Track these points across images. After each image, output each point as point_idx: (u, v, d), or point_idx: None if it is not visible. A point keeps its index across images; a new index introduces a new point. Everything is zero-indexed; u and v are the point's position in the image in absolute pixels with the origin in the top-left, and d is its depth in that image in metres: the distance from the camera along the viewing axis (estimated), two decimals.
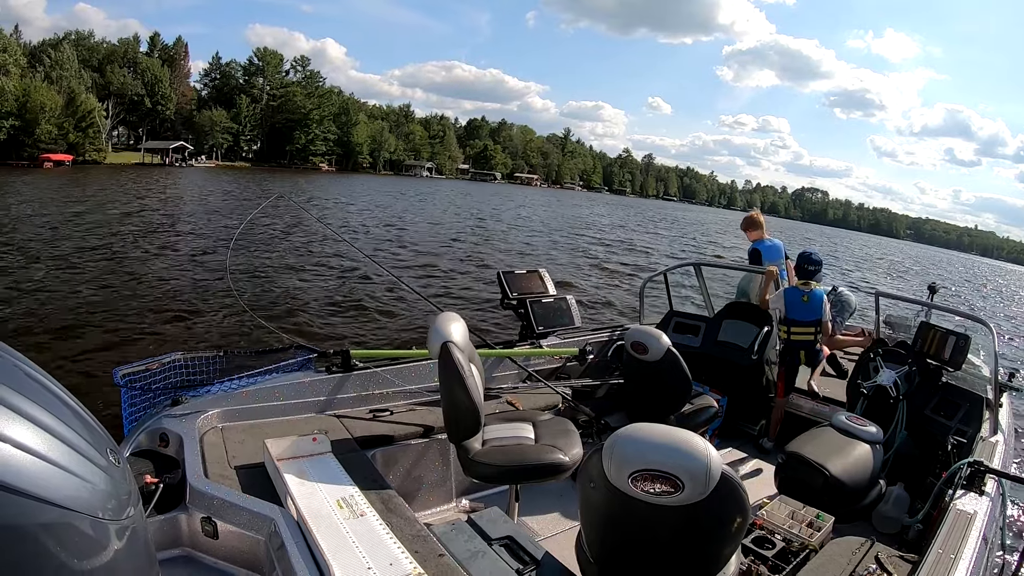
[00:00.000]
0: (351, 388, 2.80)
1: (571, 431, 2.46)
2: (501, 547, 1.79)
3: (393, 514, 1.83)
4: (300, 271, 11.77)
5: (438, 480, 2.74)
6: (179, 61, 68.47)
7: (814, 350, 3.91)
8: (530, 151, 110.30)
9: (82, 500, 0.84)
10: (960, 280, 36.99)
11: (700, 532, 1.41)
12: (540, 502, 2.89)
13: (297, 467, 1.98)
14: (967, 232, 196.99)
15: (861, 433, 2.76)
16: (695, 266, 5.00)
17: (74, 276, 9.69)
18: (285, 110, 71.75)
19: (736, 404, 3.97)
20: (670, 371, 3.01)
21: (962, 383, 3.47)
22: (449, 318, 2.25)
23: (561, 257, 17.77)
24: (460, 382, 2.07)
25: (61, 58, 52.07)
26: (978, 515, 2.09)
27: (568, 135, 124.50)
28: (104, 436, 1.00)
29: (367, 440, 2.47)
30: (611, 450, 1.38)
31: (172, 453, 2.10)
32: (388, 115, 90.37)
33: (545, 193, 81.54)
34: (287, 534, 1.65)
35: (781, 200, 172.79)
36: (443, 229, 21.80)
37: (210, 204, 23.71)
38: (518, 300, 3.78)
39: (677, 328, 4.35)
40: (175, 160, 56.72)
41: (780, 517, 2.33)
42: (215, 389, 2.44)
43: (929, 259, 68.10)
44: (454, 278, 12.78)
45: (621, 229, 32.08)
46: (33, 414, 0.84)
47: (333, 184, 45.88)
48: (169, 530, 1.86)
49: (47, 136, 45.69)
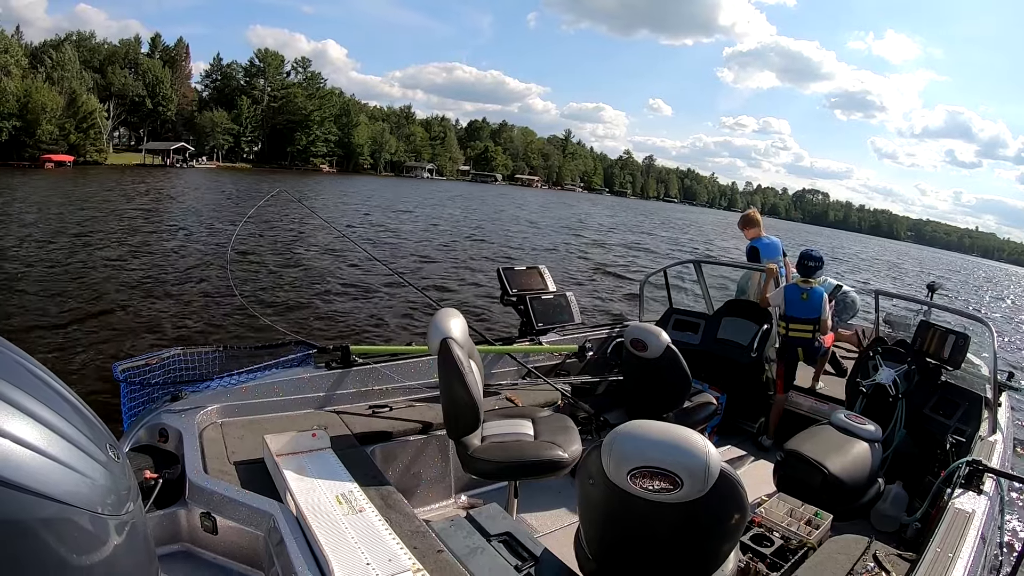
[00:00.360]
0: (351, 384, 2.80)
1: (570, 428, 2.46)
2: (500, 543, 1.79)
3: (392, 510, 1.84)
4: (300, 267, 11.78)
5: (437, 476, 2.74)
6: (180, 62, 68.29)
7: (812, 347, 3.91)
8: (531, 152, 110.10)
9: (81, 495, 0.84)
10: (959, 283, 36.82)
11: (699, 529, 1.41)
12: (539, 499, 2.89)
13: (296, 463, 1.99)
14: (968, 234, 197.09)
15: (860, 431, 2.76)
16: (695, 263, 5.00)
17: (74, 273, 9.70)
18: (286, 111, 71.51)
19: (735, 402, 3.98)
20: (669, 368, 3.01)
21: (961, 382, 3.47)
22: (449, 314, 2.25)
23: (558, 255, 17.77)
24: (459, 378, 2.07)
25: (63, 59, 51.83)
26: (976, 514, 2.09)
27: (569, 136, 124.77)
28: (103, 431, 0.99)
29: (366, 436, 2.47)
30: (610, 447, 1.38)
31: (171, 448, 2.10)
32: (389, 116, 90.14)
33: (546, 194, 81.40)
34: (286, 530, 1.65)
35: (782, 202, 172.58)
36: (442, 227, 21.80)
37: (210, 204, 23.75)
38: (518, 296, 3.78)
39: (677, 325, 4.36)
40: (176, 161, 56.65)
41: (779, 515, 2.34)
42: (215, 385, 2.44)
43: (929, 260, 67.90)
44: (454, 274, 12.79)
45: (622, 232, 32.05)
46: (33, 409, 0.84)
47: (334, 185, 45.83)
48: (168, 525, 1.86)
49: (48, 137, 45.58)
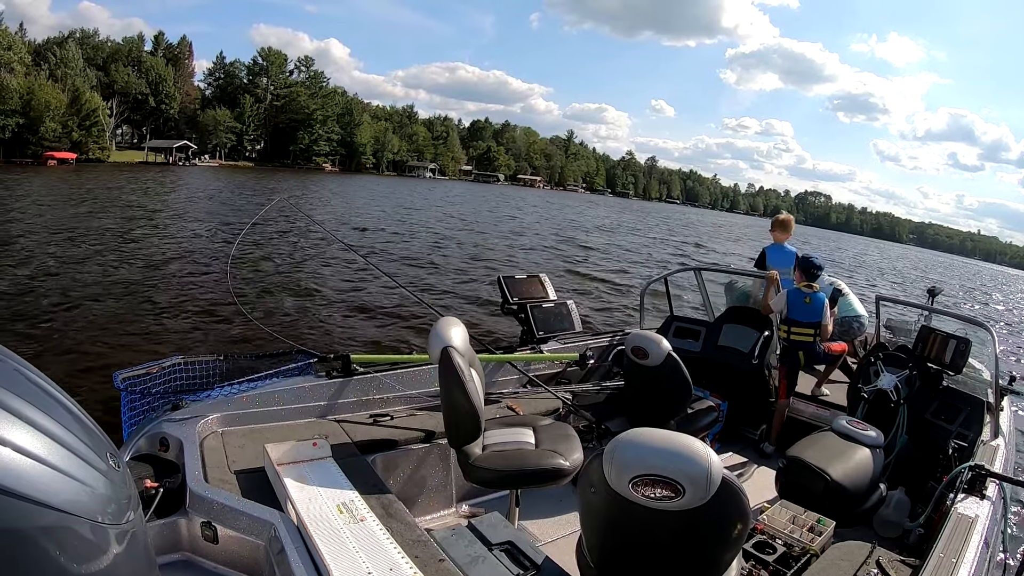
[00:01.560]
0: (351, 393, 2.80)
1: (571, 436, 2.45)
2: (501, 552, 1.79)
3: (393, 519, 1.83)
4: (301, 275, 11.77)
5: (438, 485, 2.74)
6: (183, 60, 68.62)
7: (814, 351, 3.91)
8: (533, 153, 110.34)
9: (82, 504, 0.84)
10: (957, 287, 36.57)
11: (701, 537, 1.41)
12: (541, 507, 2.88)
13: (297, 472, 1.98)
14: (970, 237, 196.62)
15: (862, 437, 2.76)
16: (696, 271, 5.00)
17: (74, 278, 9.70)
18: (289, 110, 71.71)
19: (737, 409, 3.97)
20: (670, 376, 3.00)
21: (963, 387, 3.46)
22: (449, 323, 2.25)
23: (558, 263, 17.78)
24: (460, 387, 2.07)
25: (67, 56, 52.04)
26: (979, 519, 2.09)
27: (571, 137, 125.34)
28: (104, 440, 1.00)
29: (367, 445, 2.47)
30: (612, 455, 1.38)
31: (172, 457, 2.10)
32: (392, 116, 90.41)
33: (548, 195, 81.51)
34: (287, 539, 1.65)
35: (784, 204, 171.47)
36: (443, 233, 21.83)
37: (213, 205, 23.67)
38: (519, 305, 3.78)
39: (677, 333, 4.35)
40: (178, 159, 56.83)
41: (781, 522, 2.33)
42: (215, 393, 2.44)
43: (930, 264, 67.63)
44: (455, 283, 12.79)
45: (623, 234, 32.06)
46: (33, 418, 0.84)
47: (337, 185, 45.86)
48: (169, 535, 1.86)
49: (51, 134, 45.78)
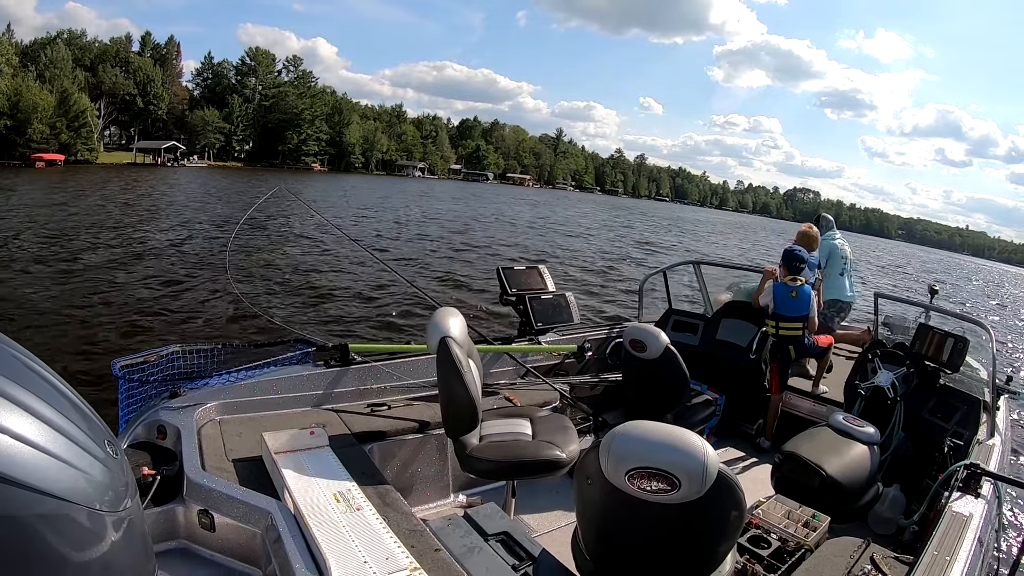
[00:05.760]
0: (349, 382, 2.79)
1: (568, 428, 2.46)
2: (497, 543, 1.80)
3: (390, 508, 1.83)
4: (299, 265, 11.75)
5: (435, 475, 2.74)
6: (171, 61, 68.11)
7: (803, 344, 3.92)
8: (522, 151, 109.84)
9: (79, 491, 0.84)
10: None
11: (696, 530, 1.41)
12: (537, 498, 2.89)
13: (294, 461, 1.98)
14: (958, 232, 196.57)
15: (858, 434, 2.77)
16: (694, 264, 5.00)
17: (73, 270, 9.68)
18: (277, 110, 71.35)
19: (734, 403, 3.98)
20: (668, 369, 3.01)
21: (960, 385, 3.47)
22: (448, 313, 2.24)
23: (555, 255, 17.78)
24: (458, 377, 2.07)
25: (55, 57, 51.51)
26: (974, 517, 2.09)
27: (560, 135, 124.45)
28: (102, 428, 0.99)
29: (365, 434, 2.47)
30: (608, 447, 1.38)
31: (170, 445, 2.10)
32: (380, 115, 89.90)
33: (537, 193, 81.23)
34: (284, 527, 1.65)
35: (773, 201, 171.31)
36: (441, 224, 21.77)
37: (205, 202, 23.71)
38: (517, 296, 3.77)
39: (676, 326, 4.36)
40: (167, 160, 56.49)
41: (776, 516, 2.34)
42: (213, 382, 2.43)
43: (917, 259, 67.52)
44: (453, 273, 12.77)
45: (618, 229, 32.02)
46: (31, 405, 0.84)
47: (326, 184, 45.60)
48: (166, 522, 1.86)
49: (39, 136, 45.35)
